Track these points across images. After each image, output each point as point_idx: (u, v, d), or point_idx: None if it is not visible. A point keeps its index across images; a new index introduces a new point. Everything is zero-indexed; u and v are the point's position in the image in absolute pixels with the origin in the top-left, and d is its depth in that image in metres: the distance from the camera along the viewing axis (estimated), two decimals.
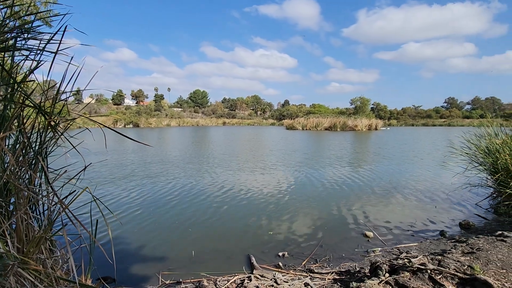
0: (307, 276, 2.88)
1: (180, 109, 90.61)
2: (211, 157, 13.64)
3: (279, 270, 3.31)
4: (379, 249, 4.07)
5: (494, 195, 6.52)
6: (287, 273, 3.17)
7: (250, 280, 2.50)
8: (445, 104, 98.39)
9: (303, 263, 3.57)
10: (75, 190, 2.26)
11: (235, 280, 2.63)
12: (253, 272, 3.02)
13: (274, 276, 2.63)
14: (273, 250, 4.00)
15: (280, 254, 3.81)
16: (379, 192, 7.36)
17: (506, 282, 2.18)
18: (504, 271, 2.38)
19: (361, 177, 9.21)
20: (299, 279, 2.70)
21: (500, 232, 3.91)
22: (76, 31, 2.46)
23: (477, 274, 2.16)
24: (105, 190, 7.23)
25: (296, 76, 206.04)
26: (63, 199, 2.09)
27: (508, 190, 5.37)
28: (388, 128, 55.74)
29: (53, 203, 2.26)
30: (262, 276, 2.70)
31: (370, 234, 4.59)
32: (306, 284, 2.46)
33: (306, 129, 45.86)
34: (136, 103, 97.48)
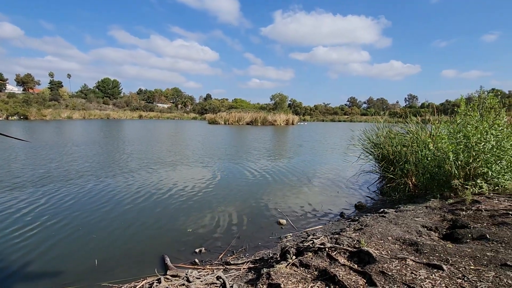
0: (220, 269, 2.90)
1: (85, 99, 78.96)
2: (126, 154, 12.39)
3: (195, 267, 3.23)
4: (291, 234, 4.42)
5: (380, 179, 7.87)
6: (203, 269, 3.13)
7: (160, 282, 2.36)
8: (348, 103, 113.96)
9: (220, 257, 3.59)
10: None
11: (142, 285, 2.44)
12: (167, 273, 2.87)
13: (187, 274, 2.55)
14: (191, 247, 3.89)
15: (197, 250, 3.74)
16: (294, 182, 8.00)
17: (383, 250, 2.65)
18: (382, 241, 2.89)
19: (280, 168, 9.83)
20: (212, 273, 2.70)
21: (382, 209, 4.74)
22: None
23: (362, 247, 2.57)
24: None
25: (218, 70, 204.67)
26: None
27: (389, 175, 6.55)
28: (305, 123, 61.21)
29: None
30: (174, 276, 2.59)
31: (283, 221, 4.94)
32: (218, 278, 2.47)
33: (228, 124, 46.31)
34: (23, 90, 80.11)
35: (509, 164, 4.89)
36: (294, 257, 2.70)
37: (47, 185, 6.88)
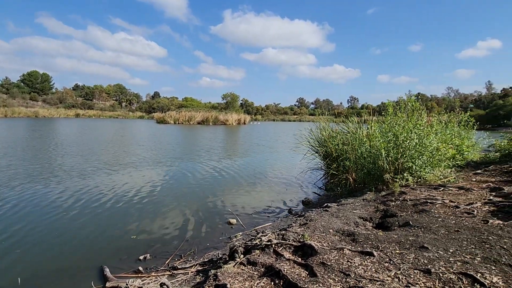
0: (166, 275, 2.79)
1: (6, 94, 68.39)
2: (63, 157, 11.08)
3: (139, 275, 3.05)
4: (241, 233, 4.45)
5: (325, 175, 8.39)
6: (148, 277, 2.97)
7: None
8: (297, 103, 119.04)
9: (166, 262, 3.44)
10: None
11: None
12: (105, 285, 2.65)
13: (128, 284, 2.39)
14: (134, 254, 3.65)
15: (142, 257, 3.53)
16: (245, 181, 8.07)
17: (325, 242, 2.83)
18: (324, 234, 3.10)
19: (232, 168, 9.82)
20: (156, 280, 2.57)
21: (326, 204, 5.06)
22: None
23: (306, 241, 2.71)
24: None
25: (166, 67, 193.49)
26: None
27: (332, 171, 7.02)
28: (259, 123, 62.23)
29: None
30: (114, 287, 2.40)
31: (233, 221, 4.95)
32: (162, 284, 2.37)
33: (178, 123, 44.73)
34: None
35: (428, 158, 5.65)
36: (242, 256, 2.72)
37: None
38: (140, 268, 3.22)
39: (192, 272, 2.99)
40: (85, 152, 12.33)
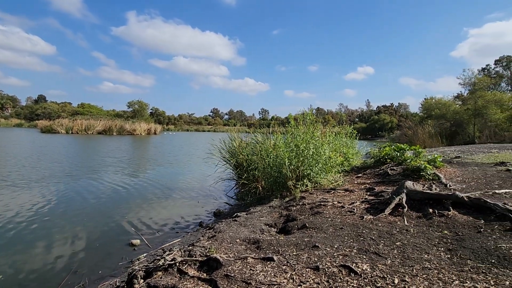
0: None
1: None
2: None
3: None
4: (145, 254, 4.08)
5: (237, 185, 8.59)
6: None
7: None
8: (211, 114, 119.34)
9: None
10: None
11: None
12: None
13: None
14: None
15: None
16: (153, 196, 7.49)
17: (231, 253, 2.86)
18: (231, 244, 3.13)
19: (138, 183, 8.96)
20: None
21: (236, 213, 5.16)
22: None
23: (211, 254, 2.68)
24: None
25: (55, 67, 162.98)
26: None
27: (243, 181, 7.25)
28: (173, 133, 59.16)
29: None
30: None
31: (136, 241, 4.50)
32: None
33: (72, 133, 38.46)
34: None
35: (323, 166, 6.48)
36: (142, 280, 2.49)
37: None
38: None
39: None
40: None
